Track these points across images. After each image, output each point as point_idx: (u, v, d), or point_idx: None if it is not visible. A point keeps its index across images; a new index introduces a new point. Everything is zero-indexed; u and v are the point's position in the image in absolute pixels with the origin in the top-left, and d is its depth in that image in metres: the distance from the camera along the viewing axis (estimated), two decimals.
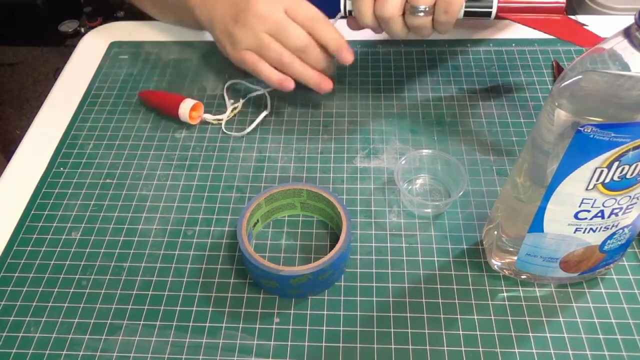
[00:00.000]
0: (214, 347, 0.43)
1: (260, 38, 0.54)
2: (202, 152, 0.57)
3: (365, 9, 0.52)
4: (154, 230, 0.50)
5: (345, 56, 0.55)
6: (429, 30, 0.53)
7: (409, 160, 0.51)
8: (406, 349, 0.42)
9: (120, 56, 0.68)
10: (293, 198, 0.49)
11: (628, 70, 0.32)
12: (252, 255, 0.43)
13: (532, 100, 0.60)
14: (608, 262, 0.43)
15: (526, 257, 0.43)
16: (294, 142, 0.57)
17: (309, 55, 0.54)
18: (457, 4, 0.50)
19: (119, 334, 0.44)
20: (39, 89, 1.91)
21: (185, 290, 0.46)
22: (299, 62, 0.55)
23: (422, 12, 0.51)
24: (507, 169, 0.54)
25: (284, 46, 0.54)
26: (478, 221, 0.50)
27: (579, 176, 0.35)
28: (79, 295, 0.46)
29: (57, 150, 0.58)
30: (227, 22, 0.57)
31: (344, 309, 0.44)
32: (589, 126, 0.32)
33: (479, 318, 0.43)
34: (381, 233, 0.49)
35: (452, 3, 0.50)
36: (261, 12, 0.54)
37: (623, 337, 0.42)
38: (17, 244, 0.50)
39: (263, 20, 0.54)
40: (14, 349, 0.43)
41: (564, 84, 0.34)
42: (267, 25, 0.54)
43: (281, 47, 0.54)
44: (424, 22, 0.52)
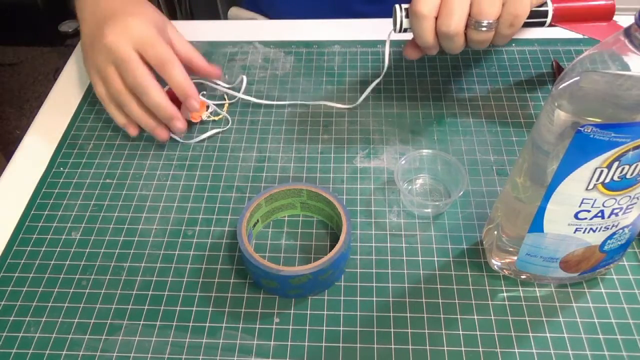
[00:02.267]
0: (214, 347, 0.43)
1: (104, 70, 0.53)
2: (202, 152, 0.57)
3: (427, 25, 0.49)
4: (154, 230, 0.50)
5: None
6: (488, 43, 0.50)
7: (409, 160, 0.51)
8: (406, 349, 0.42)
9: None
10: (293, 198, 0.49)
11: (628, 70, 0.32)
12: (252, 255, 0.43)
13: (532, 100, 0.60)
14: (608, 262, 0.43)
15: (526, 257, 0.43)
16: (294, 142, 0.57)
17: (148, 99, 0.52)
18: (523, 17, 0.48)
19: (119, 334, 0.44)
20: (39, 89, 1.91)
21: (185, 290, 0.46)
22: (135, 105, 0.53)
23: (486, 27, 0.48)
24: (507, 169, 0.54)
25: (124, 83, 0.52)
26: (478, 221, 0.50)
27: (579, 176, 0.35)
28: (79, 295, 0.46)
29: (57, 150, 0.58)
30: (86, 43, 0.56)
31: (344, 309, 0.44)
32: (589, 126, 0.32)
33: (479, 318, 0.43)
34: (381, 233, 0.49)
35: (518, 16, 0.48)
36: (110, 43, 0.51)
37: (623, 337, 0.42)
38: (17, 244, 0.50)
39: (110, 52, 0.51)
40: (14, 349, 0.43)
41: (564, 84, 0.34)
42: (113, 57, 0.52)
43: (121, 84, 0.52)
44: (487, 36, 0.49)
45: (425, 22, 0.49)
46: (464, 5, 0.48)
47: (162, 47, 0.52)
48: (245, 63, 0.67)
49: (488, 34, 0.49)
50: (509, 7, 0.48)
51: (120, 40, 0.51)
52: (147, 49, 0.51)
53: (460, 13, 0.48)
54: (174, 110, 0.53)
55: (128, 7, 0.54)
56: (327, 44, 0.69)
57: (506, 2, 0.48)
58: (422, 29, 0.49)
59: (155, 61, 0.52)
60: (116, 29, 0.52)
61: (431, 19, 0.49)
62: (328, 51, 0.68)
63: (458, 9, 0.48)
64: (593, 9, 0.52)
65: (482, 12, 0.48)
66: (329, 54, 0.67)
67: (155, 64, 0.52)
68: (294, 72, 0.65)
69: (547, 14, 0.52)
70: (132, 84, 0.51)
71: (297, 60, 0.67)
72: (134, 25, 0.52)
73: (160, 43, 0.52)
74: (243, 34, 0.71)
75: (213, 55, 0.68)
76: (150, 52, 0.51)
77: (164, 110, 0.52)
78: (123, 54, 0.51)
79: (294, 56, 0.67)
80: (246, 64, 0.66)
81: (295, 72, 0.65)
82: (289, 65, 0.66)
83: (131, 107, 0.53)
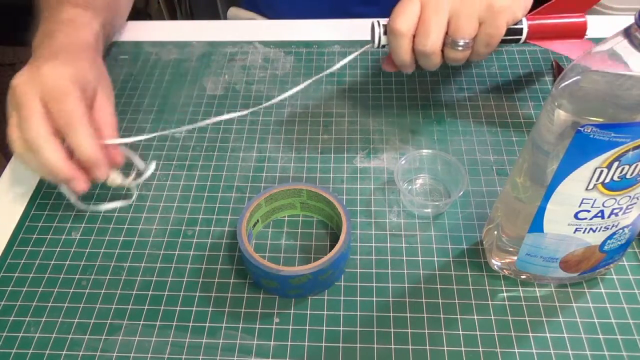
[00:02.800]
0: (214, 347, 0.43)
1: (9, 112, 0.46)
2: (202, 152, 0.57)
3: (404, 43, 0.49)
4: (154, 230, 0.50)
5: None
6: (464, 61, 0.51)
7: (409, 160, 0.51)
8: (406, 349, 0.42)
9: (120, 56, 0.68)
10: (293, 198, 0.49)
11: (628, 70, 0.32)
12: (252, 255, 0.43)
13: (532, 100, 0.60)
14: (608, 262, 0.43)
15: (526, 257, 0.43)
16: (294, 142, 0.57)
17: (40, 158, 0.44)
18: (499, 36, 0.49)
19: (119, 334, 0.44)
20: None
21: (185, 290, 0.46)
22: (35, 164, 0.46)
23: (462, 47, 0.49)
24: (507, 169, 0.54)
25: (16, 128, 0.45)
26: (478, 221, 0.50)
27: (579, 176, 0.35)
28: (79, 295, 0.46)
29: None
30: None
31: (344, 309, 0.44)
32: (589, 126, 0.32)
33: (479, 318, 0.43)
34: (381, 233, 0.49)
35: (494, 36, 0.49)
36: (15, 87, 0.46)
37: (623, 337, 0.42)
38: (17, 244, 0.50)
39: (14, 98, 0.46)
40: (14, 349, 0.43)
41: (563, 84, 0.34)
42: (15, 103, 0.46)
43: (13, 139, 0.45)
44: (464, 55, 0.50)
45: (402, 40, 0.49)
46: (441, 24, 0.48)
47: (70, 104, 0.45)
48: (245, 63, 0.67)
49: (464, 53, 0.50)
50: (486, 28, 0.49)
51: (27, 88, 0.45)
52: (53, 103, 0.45)
53: (437, 32, 0.48)
54: (70, 171, 0.45)
55: (62, 53, 0.49)
56: (327, 44, 0.69)
57: (483, 22, 0.49)
58: (399, 47, 0.50)
59: (59, 119, 0.45)
60: (29, 74, 0.46)
61: (408, 37, 0.49)
62: (328, 51, 0.68)
63: (435, 27, 0.48)
64: (566, 26, 0.54)
65: (459, 32, 0.48)
66: (329, 54, 0.67)
67: (59, 122, 0.45)
68: (294, 72, 0.65)
69: (522, 32, 0.53)
70: (25, 137, 0.45)
71: (297, 60, 0.67)
72: (49, 74, 0.46)
73: (70, 99, 0.45)
74: (243, 34, 0.71)
75: (213, 55, 0.68)
76: (55, 107, 0.45)
77: (60, 174, 0.45)
78: (23, 101, 0.45)
79: (294, 56, 0.67)
80: (246, 64, 0.66)
81: (295, 72, 0.65)
82: (289, 65, 0.66)
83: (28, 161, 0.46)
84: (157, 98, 0.63)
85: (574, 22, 0.53)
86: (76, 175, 0.45)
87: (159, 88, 0.64)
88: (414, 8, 0.49)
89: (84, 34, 0.55)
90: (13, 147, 0.46)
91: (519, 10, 0.50)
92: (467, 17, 0.48)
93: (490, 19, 0.48)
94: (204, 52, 0.68)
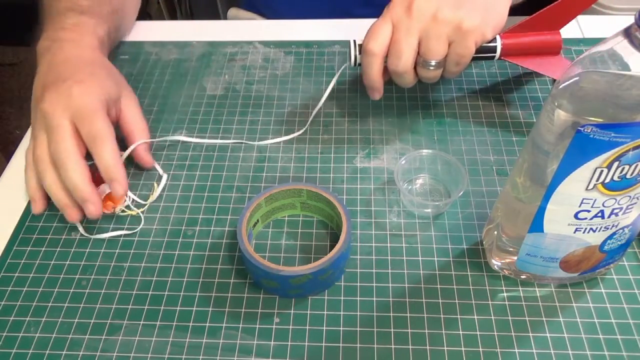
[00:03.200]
0: (214, 347, 0.43)
1: (37, 133, 0.50)
2: (202, 152, 0.57)
3: (375, 62, 0.51)
4: (154, 230, 0.50)
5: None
6: (437, 79, 0.53)
7: (409, 160, 0.51)
8: (406, 349, 0.42)
9: (120, 56, 0.68)
10: (293, 198, 0.49)
11: (628, 70, 0.32)
12: (252, 255, 0.43)
13: (532, 100, 0.60)
14: (608, 262, 0.43)
15: (526, 257, 0.43)
16: (294, 142, 0.57)
17: (65, 174, 0.47)
18: (468, 56, 0.51)
19: (119, 334, 0.44)
20: None
21: (185, 290, 0.46)
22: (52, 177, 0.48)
23: (434, 67, 0.51)
24: (507, 169, 0.54)
25: (50, 154, 0.49)
26: (478, 221, 0.50)
27: (579, 176, 0.35)
28: (79, 295, 0.46)
29: None
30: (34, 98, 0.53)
31: (344, 309, 0.44)
32: (589, 126, 0.32)
33: (479, 318, 0.43)
34: (381, 233, 0.49)
35: (464, 55, 0.50)
36: (45, 109, 0.49)
37: (623, 337, 0.42)
38: (17, 244, 0.50)
39: (44, 118, 0.49)
40: (14, 349, 0.43)
41: (563, 84, 0.34)
42: (45, 124, 0.49)
43: (45, 152, 0.49)
44: (435, 74, 0.52)
45: (373, 60, 0.51)
46: (412, 45, 0.50)
47: (98, 122, 0.48)
48: (245, 63, 0.67)
49: (436, 72, 0.52)
50: (455, 48, 0.50)
51: (56, 109, 0.49)
52: (82, 121, 0.48)
53: (408, 53, 0.50)
54: (90, 194, 0.48)
55: (79, 73, 0.51)
56: (327, 44, 0.69)
57: (452, 42, 0.50)
58: (369, 66, 0.52)
59: (88, 136, 0.48)
60: (57, 96, 0.49)
61: (380, 57, 0.51)
62: (328, 51, 0.68)
63: (406, 48, 0.50)
64: (540, 43, 0.54)
65: (429, 53, 0.50)
66: (329, 54, 0.67)
67: (87, 139, 0.48)
68: (294, 72, 0.65)
69: (495, 49, 0.54)
70: (53, 154, 0.48)
71: (297, 60, 0.67)
72: (76, 95, 0.49)
73: (97, 117, 0.49)
74: (243, 34, 0.71)
75: (213, 56, 0.68)
76: (84, 126, 0.48)
77: (80, 192, 0.47)
78: (54, 122, 0.48)
79: (294, 56, 0.67)
80: (246, 64, 0.66)
81: (295, 72, 0.65)
82: (289, 65, 0.66)
83: (46, 176, 0.49)
84: (157, 98, 0.63)
85: (549, 40, 0.54)
86: (94, 199, 0.48)
87: (159, 88, 0.64)
88: (385, 29, 0.51)
89: (89, 40, 0.57)
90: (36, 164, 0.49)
91: (488, 30, 0.52)
92: (436, 39, 0.49)
93: (459, 40, 0.50)
94: (204, 52, 0.68)
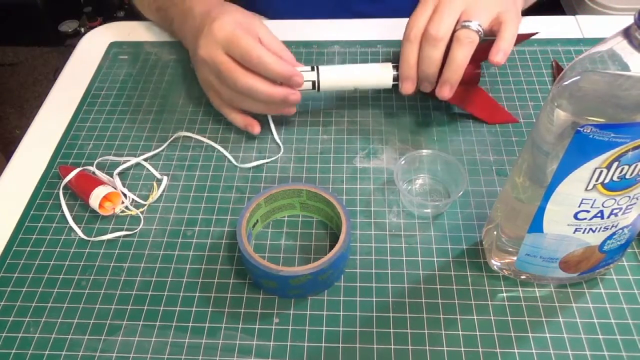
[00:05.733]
0: (214, 348, 0.43)
1: (210, 82, 0.54)
2: (202, 152, 0.57)
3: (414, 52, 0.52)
4: (154, 231, 0.50)
5: (295, 81, 0.52)
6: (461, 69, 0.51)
7: (409, 160, 0.51)
8: (406, 349, 0.42)
9: (120, 56, 0.68)
10: (293, 198, 0.49)
11: (628, 70, 0.32)
12: (252, 255, 0.43)
13: (532, 100, 0.60)
14: (608, 262, 0.43)
15: (526, 257, 0.43)
16: (294, 142, 0.57)
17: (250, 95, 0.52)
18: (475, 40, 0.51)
19: (118, 335, 0.44)
20: (39, 89, 1.91)
21: (184, 291, 0.46)
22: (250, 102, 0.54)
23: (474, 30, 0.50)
24: (507, 169, 0.54)
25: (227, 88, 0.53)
26: (478, 221, 0.50)
27: (578, 176, 0.35)
28: (79, 295, 0.46)
29: (57, 150, 0.58)
30: (193, 61, 0.58)
31: (343, 309, 0.44)
32: (588, 126, 0.32)
33: (478, 318, 0.43)
34: (381, 233, 0.49)
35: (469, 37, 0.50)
36: (203, 57, 0.53)
37: (623, 337, 0.42)
38: (17, 244, 0.50)
39: (207, 65, 0.53)
40: (13, 349, 0.43)
41: (563, 84, 0.34)
42: (211, 68, 0.53)
43: (229, 90, 0.53)
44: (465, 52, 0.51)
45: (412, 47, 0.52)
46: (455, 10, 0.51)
47: (244, 40, 0.51)
48: None
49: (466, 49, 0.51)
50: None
51: (210, 50, 0.52)
52: (232, 47, 0.51)
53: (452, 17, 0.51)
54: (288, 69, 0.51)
55: (211, 14, 0.54)
56: (327, 44, 0.69)
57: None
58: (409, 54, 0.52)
59: (242, 56, 0.51)
60: (204, 41, 0.52)
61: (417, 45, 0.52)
62: (328, 51, 0.68)
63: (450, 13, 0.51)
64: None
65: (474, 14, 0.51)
66: (329, 54, 0.67)
67: (242, 58, 0.51)
68: None
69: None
70: (238, 90, 0.52)
71: (297, 60, 0.66)
72: (217, 29, 0.52)
73: (242, 37, 0.51)
74: None
75: None
76: (235, 50, 0.51)
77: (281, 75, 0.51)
78: (217, 61, 0.51)
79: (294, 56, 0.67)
80: None
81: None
82: None
83: (247, 105, 0.54)
84: (157, 98, 0.63)
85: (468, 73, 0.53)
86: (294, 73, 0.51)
87: (159, 88, 0.64)
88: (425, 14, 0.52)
89: None
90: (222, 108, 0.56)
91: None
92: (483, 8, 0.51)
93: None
94: None
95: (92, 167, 0.54)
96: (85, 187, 0.51)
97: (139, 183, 0.54)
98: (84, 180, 0.52)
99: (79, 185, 0.52)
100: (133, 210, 0.51)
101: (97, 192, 0.50)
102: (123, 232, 0.50)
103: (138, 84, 0.65)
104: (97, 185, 0.51)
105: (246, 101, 0.53)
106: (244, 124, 0.56)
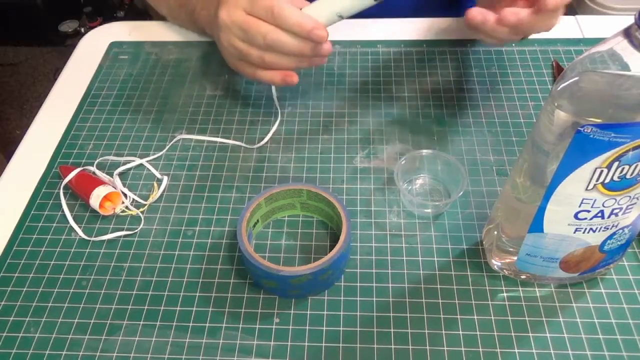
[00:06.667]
0: (214, 347, 0.43)
1: (237, 47, 0.53)
2: (202, 152, 0.57)
3: None
4: (154, 230, 0.50)
5: (317, 35, 0.49)
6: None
7: (409, 160, 0.51)
8: (406, 349, 0.42)
9: (120, 56, 0.68)
10: (293, 198, 0.49)
11: (628, 70, 0.32)
12: (252, 255, 0.43)
13: (532, 100, 0.60)
14: (608, 262, 0.43)
15: (526, 257, 0.43)
16: (294, 142, 0.57)
17: (279, 49, 0.51)
18: None
19: (118, 334, 0.44)
20: (39, 89, 1.91)
21: (185, 291, 0.46)
22: (280, 57, 0.52)
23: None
24: (507, 169, 0.54)
25: (256, 48, 0.52)
26: (478, 221, 0.50)
27: (578, 176, 0.35)
28: (79, 295, 0.46)
29: (57, 150, 0.58)
30: (213, 33, 0.57)
31: (343, 309, 0.44)
32: (588, 126, 0.32)
33: (479, 318, 0.43)
34: (381, 233, 0.49)
35: None
36: (224, 22, 0.52)
37: (623, 337, 0.42)
38: (17, 244, 0.50)
39: (229, 29, 0.52)
40: (14, 349, 0.43)
41: (563, 85, 0.34)
42: (235, 32, 0.52)
43: (258, 51, 0.52)
44: None
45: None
46: None
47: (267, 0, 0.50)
48: None
49: None
50: None
51: (231, 12, 0.51)
52: (253, 7, 0.51)
53: None
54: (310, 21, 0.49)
55: None
56: None
57: None
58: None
59: (264, 13, 0.50)
60: (225, 6, 0.52)
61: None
62: None
63: None
64: None
65: None
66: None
67: (264, 16, 0.50)
68: None
69: None
70: (267, 44, 0.51)
71: None
72: None
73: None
74: None
75: (213, 55, 0.67)
76: (256, 8, 0.50)
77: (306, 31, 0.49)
78: (241, 21, 0.51)
79: None
80: None
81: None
82: None
83: (278, 60, 0.52)
84: (157, 98, 0.63)
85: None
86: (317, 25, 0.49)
87: (159, 88, 0.64)
88: None
89: None
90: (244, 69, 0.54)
91: None
92: None
93: None
94: (204, 52, 0.68)
95: (93, 167, 0.54)
96: (86, 187, 0.51)
97: (140, 183, 0.54)
98: (84, 180, 0.52)
99: (79, 185, 0.52)
100: (133, 210, 0.51)
101: (97, 192, 0.50)
102: (123, 232, 0.50)
103: (138, 84, 0.65)
104: (98, 185, 0.51)
105: (277, 57, 0.52)
106: (281, 78, 0.54)
